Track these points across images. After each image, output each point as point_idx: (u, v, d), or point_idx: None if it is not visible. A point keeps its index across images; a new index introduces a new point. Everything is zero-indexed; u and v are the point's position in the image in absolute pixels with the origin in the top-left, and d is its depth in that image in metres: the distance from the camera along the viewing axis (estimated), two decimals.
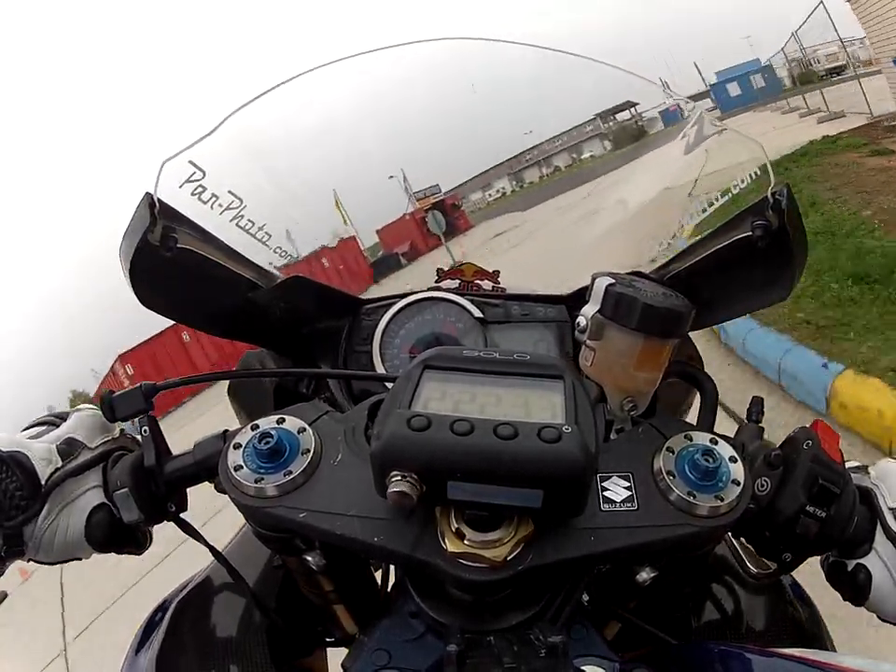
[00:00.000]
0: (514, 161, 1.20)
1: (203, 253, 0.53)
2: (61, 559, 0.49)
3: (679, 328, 0.47)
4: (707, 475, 0.40)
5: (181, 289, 0.56)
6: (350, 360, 0.69)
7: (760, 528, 0.47)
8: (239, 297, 0.59)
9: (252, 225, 0.60)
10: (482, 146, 1.02)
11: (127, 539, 0.50)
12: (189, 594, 0.61)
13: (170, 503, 0.50)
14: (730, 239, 0.51)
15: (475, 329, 0.71)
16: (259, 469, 0.40)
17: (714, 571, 0.59)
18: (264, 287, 0.60)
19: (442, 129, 0.94)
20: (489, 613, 0.40)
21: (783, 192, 0.48)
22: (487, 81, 0.82)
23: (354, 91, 0.73)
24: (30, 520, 0.46)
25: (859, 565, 0.46)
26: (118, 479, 0.49)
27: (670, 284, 0.54)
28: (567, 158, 1.22)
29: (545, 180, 1.23)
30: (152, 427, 0.50)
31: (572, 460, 0.34)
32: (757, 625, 0.56)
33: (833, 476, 0.45)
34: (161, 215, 0.49)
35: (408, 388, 0.38)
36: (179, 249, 0.50)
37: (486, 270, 0.77)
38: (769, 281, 0.53)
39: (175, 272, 0.52)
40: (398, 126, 0.87)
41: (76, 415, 0.52)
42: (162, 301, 0.56)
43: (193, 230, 0.53)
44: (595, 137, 1.16)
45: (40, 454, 0.47)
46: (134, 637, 0.60)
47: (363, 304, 0.72)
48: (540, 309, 0.73)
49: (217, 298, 0.59)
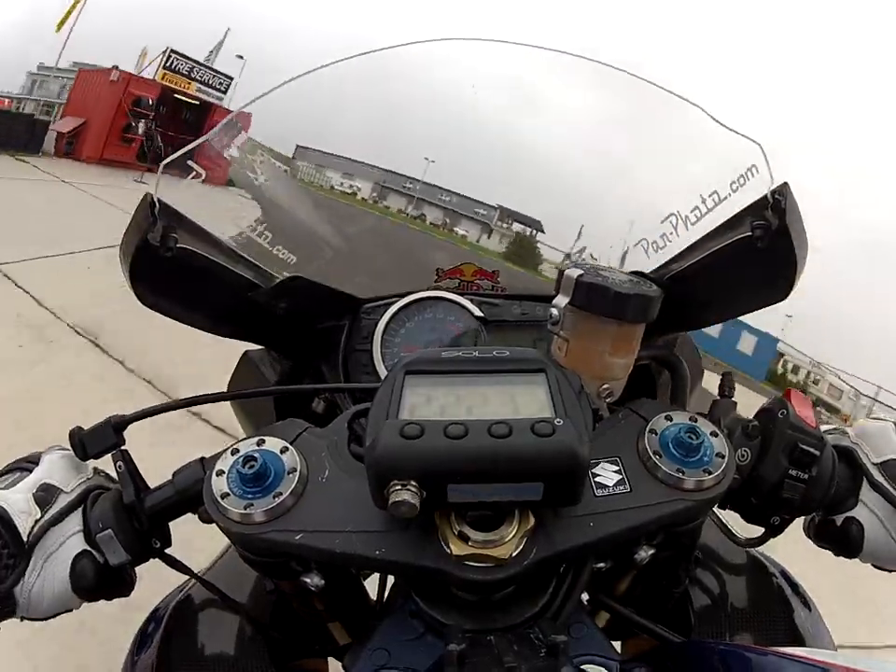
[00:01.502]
0: (393, 174, 1.00)
1: (203, 253, 0.54)
2: (51, 613, 0.47)
3: (650, 311, 0.49)
4: (692, 451, 0.41)
5: (181, 289, 0.56)
6: (350, 360, 0.69)
7: (746, 497, 0.49)
8: (239, 297, 0.59)
9: (252, 225, 0.61)
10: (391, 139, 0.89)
11: (114, 583, 0.48)
12: (183, 601, 0.59)
13: (154, 539, 0.49)
14: (730, 239, 0.51)
15: (475, 329, 0.71)
16: (245, 495, 0.39)
17: (706, 550, 0.60)
18: (264, 286, 0.60)
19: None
20: (490, 612, 0.40)
21: (783, 192, 0.48)
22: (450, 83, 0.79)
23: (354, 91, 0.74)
24: (19, 579, 0.44)
25: (848, 518, 0.49)
26: (99, 520, 0.47)
27: (670, 284, 0.55)
28: (439, 217, 0.98)
29: (405, 217, 0.98)
30: (127, 462, 0.49)
31: (569, 451, 0.34)
32: (757, 625, 0.56)
33: (811, 440, 0.48)
34: (161, 215, 0.49)
35: (392, 396, 0.38)
36: (179, 249, 0.50)
37: (486, 270, 0.77)
38: (769, 281, 0.53)
39: (175, 272, 0.52)
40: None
41: (47, 458, 0.50)
42: (162, 300, 0.56)
43: (193, 230, 0.53)
44: (479, 223, 0.99)
45: (19, 506, 0.45)
46: (130, 646, 0.58)
47: (363, 304, 0.72)
48: (540, 308, 0.73)
49: (216, 298, 0.59)
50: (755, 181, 0.52)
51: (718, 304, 0.60)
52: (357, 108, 0.82)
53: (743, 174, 0.53)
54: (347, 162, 0.97)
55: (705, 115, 0.55)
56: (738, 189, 0.54)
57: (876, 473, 0.49)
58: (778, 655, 0.38)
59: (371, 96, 0.79)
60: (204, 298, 0.59)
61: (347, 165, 0.98)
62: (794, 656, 0.37)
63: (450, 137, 0.87)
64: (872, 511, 0.48)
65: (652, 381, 0.70)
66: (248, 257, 0.60)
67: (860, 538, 0.48)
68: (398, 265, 0.89)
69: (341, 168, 0.96)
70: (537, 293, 0.75)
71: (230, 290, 0.59)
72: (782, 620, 0.57)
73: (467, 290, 0.75)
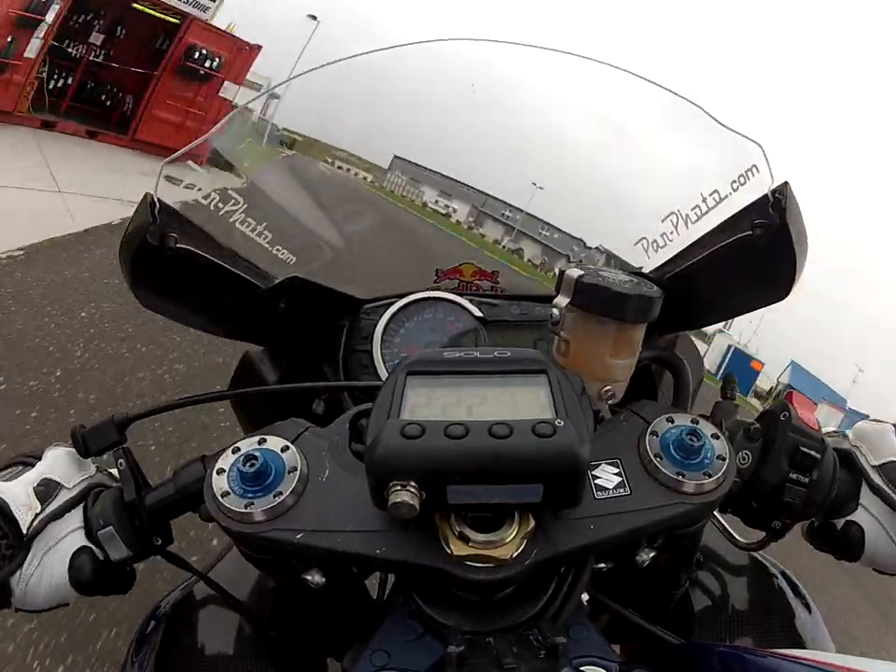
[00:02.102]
0: (493, 201, 0.93)
1: (203, 253, 0.54)
2: (46, 606, 0.47)
3: (651, 312, 0.48)
4: (693, 454, 0.40)
5: (181, 289, 0.56)
6: (350, 360, 0.69)
7: (746, 500, 0.48)
8: (239, 297, 0.59)
9: (252, 225, 0.60)
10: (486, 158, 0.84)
11: (112, 580, 0.49)
12: (183, 600, 0.60)
13: (155, 536, 0.49)
14: (730, 238, 0.51)
15: (475, 329, 0.71)
16: (246, 494, 0.39)
17: (707, 552, 0.60)
18: (264, 287, 0.60)
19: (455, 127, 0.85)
20: (489, 614, 0.40)
21: (783, 191, 0.48)
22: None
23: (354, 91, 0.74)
24: (16, 570, 0.44)
25: (849, 521, 0.48)
26: (100, 517, 0.47)
27: (670, 283, 0.55)
28: (537, 255, 0.91)
29: (498, 250, 0.91)
30: (128, 460, 0.49)
31: (570, 453, 0.34)
32: (757, 626, 0.56)
33: (812, 443, 0.47)
34: (161, 215, 0.49)
35: (394, 396, 0.38)
36: (179, 249, 0.50)
37: (485, 270, 0.77)
38: (769, 280, 0.53)
39: (174, 272, 0.52)
40: (394, 120, 0.84)
41: (49, 454, 0.50)
42: (162, 301, 0.56)
43: (193, 230, 0.53)
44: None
45: (19, 500, 0.46)
46: (129, 645, 0.58)
47: (363, 304, 0.72)
48: (539, 309, 0.73)
49: (216, 298, 0.59)
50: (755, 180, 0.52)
51: (718, 303, 0.60)
52: (458, 120, 0.79)
53: (743, 173, 0.53)
54: (441, 178, 0.92)
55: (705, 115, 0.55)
56: (739, 188, 0.54)
57: (876, 476, 0.48)
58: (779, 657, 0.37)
59: (472, 106, 0.75)
60: (204, 298, 0.59)
61: (440, 180, 0.92)
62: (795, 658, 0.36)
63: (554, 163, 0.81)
64: (872, 514, 0.48)
65: (654, 382, 0.70)
66: (248, 257, 0.60)
67: (860, 541, 0.48)
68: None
69: (437, 185, 0.91)
70: (536, 293, 0.75)
71: (229, 290, 0.59)
72: (783, 621, 0.57)
73: (466, 291, 0.75)
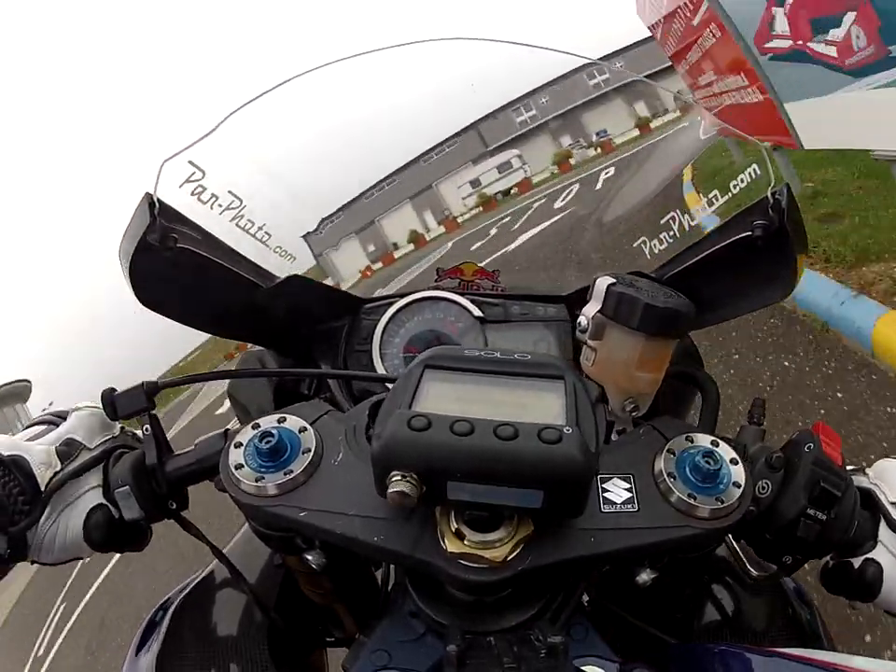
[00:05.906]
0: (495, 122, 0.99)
1: (203, 253, 0.53)
2: (61, 560, 0.49)
3: (680, 327, 0.47)
4: (707, 477, 0.40)
5: (181, 289, 0.56)
6: (350, 360, 0.69)
7: (760, 531, 0.46)
8: (239, 297, 0.59)
9: (252, 225, 0.60)
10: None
11: (126, 538, 0.50)
12: (190, 593, 0.61)
13: (171, 501, 0.51)
14: (730, 238, 0.51)
15: (475, 329, 0.71)
16: (259, 468, 0.40)
17: (714, 572, 0.59)
18: (264, 287, 0.60)
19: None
20: (489, 614, 0.40)
21: (783, 192, 0.48)
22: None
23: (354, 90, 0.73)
24: (32, 524, 0.46)
25: (867, 560, 0.46)
26: (119, 477, 0.49)
27: (671, 283, 0.55)
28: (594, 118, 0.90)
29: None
30: (154, 426, 0.50)
31: (572, 461, 0.34)
32: (757, 625, 0.56)
33: (835, 479, 0.45)
34: (161, 215, 0.49)
35: (408, 388, 0.38)
36: (179, 249, 0.50)
37: (486, 269, 0.77)
38: (770, 280, 0.53)
39: (174, 272, 0.52)
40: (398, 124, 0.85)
41: (75, 415, 0.52)
42: (162, 301, 0.56)
43: (193, 230, 0.53)
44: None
45: (39, 458, 0.47)
46: (135, 637, 0.60)
47: (363, 304, 0.72)
48: (540, 308, 0.73)
49: (216, 298, 0.59)
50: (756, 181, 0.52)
51: (718, 304, 0.60)
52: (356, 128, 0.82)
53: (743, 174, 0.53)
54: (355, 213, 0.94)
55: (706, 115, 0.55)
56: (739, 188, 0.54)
57: (895, 513, 0.46)
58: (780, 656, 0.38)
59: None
60: (204, 298, 0.59)
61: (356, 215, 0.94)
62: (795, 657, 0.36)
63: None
64: (891, 552, 0.46)
65: (685, 398, 0.69)
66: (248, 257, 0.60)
67: (878, 581, 0.45)
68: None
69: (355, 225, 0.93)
70: (536, 293, 0.75)
71: (230, 290, 0.58)
72: (783, 620, 0.57)
73: (467, 290, 0.75)
